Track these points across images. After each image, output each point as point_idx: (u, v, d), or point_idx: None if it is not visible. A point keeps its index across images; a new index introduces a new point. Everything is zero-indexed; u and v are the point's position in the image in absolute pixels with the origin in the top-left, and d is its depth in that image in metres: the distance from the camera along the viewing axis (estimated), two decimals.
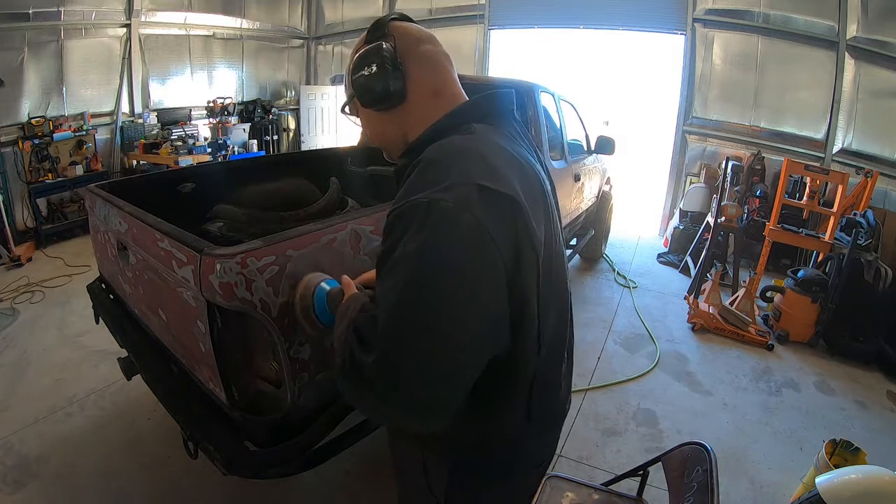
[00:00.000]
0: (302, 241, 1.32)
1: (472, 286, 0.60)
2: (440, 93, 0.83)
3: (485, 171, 0.65)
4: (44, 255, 4.54)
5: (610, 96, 6.57)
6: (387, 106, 0.82)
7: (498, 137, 0.77)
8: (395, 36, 0.81)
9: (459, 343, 0.60)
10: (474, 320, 0.61)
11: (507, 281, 0.63)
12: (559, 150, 3.45)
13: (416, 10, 7.00)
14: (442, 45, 0.88)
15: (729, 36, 5.39)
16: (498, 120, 0.82)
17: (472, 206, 0.60)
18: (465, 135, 0.74)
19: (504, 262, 0.62)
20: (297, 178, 2.70)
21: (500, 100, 0.84)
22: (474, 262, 0.60)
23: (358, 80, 0.81)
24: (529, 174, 0.76)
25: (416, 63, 0.81)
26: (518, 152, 0.78)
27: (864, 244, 3.41)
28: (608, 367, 3.09)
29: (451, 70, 0.86)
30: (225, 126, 6.65)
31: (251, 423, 1.40)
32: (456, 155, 0.68)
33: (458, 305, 0.59)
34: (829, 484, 1.59)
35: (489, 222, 0.60)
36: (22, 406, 2.46)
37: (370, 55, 0.79)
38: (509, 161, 0.72)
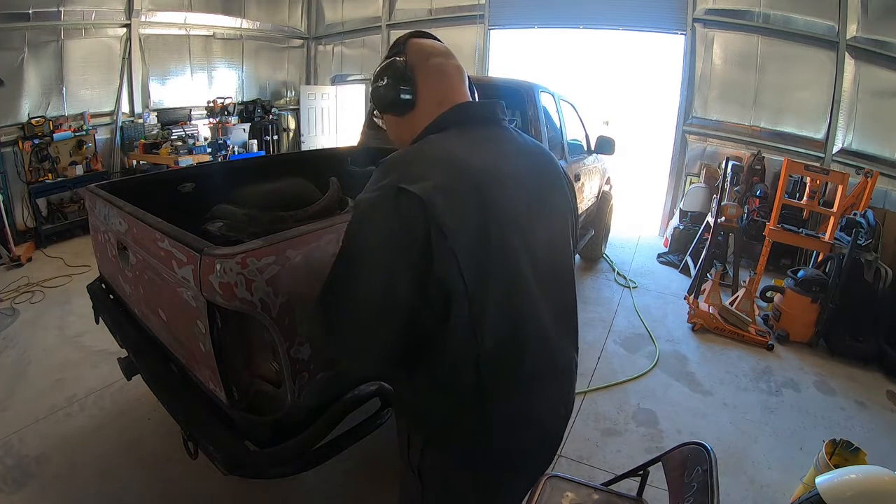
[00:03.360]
0: (302, 241, 1.32)
1: (374, 264, 0.77)
2: (444, 101, 0.94)
3: (411, 175, 0.77)
4: (44, 255, 4.54)
5: (610, 96, 6.57)
6: (399, 112, 0.95)
7: (454, 142, 0.87)
8: (409, 52, 0.95)
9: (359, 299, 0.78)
10: (373, 291, 0.77)
11: (411, 266, 0.76)
12: (559, 150, 3.45)
13: (416, 10, 7.01)
14: (456, 58, 1.00)
15: (729, 36, 5.39)
16: (468, 126, 0.92)
17: (387, 205, 0.76)
18: (420, 144, 0.88)
19: (409, 252, 0.75)
20: (297, 178, 2.70)
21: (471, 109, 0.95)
22: (377, 243, 0.77)
23: (375, 91, 0.96)
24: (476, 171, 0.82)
25: (424, 75, 0.94)
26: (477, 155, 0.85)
27: (864, 244, 3.41)
28: (608, 367, 3.09)
29: (457, 80, 0.97)
30: (225, 126, 6.65)
31: (251, 423, 1.40)
32: (399, 161, 0.83)
33: (362, 279, 0.78)
34: (829, 484, 1.59)
35: (397, 218, 0.75)
36: (22, 406, 2.46)
37: (385, 69, 0.94)
38: (451, 165, 0.81)
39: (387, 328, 0.79)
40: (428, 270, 0.76)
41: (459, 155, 0.84)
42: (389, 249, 0.76)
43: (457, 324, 0.79)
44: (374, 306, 0.77)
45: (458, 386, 0.84)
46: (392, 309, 0.78)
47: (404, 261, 0.76)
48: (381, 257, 0.76)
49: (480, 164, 0.84)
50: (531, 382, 0.89)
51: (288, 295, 1.26)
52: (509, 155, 0.92)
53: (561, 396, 0.99)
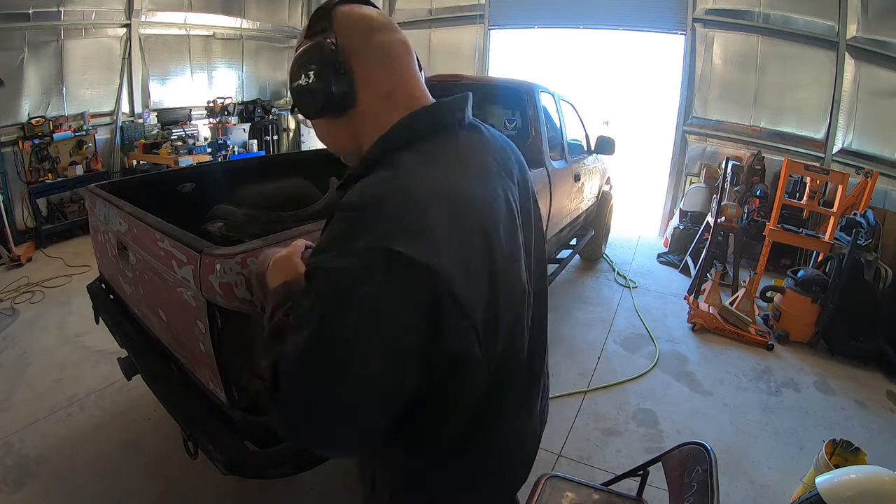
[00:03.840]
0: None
1: (365, 364, 0.56)
2: (394, 94, 0.72)
3: (401, 230, 0.56)
4: (44, 255, 4.54)
5: (610, 96, 6.57)
6: (333, 115, 0.73)
7: (437, 164, 0.67)
8: (339, 28, 0.70)
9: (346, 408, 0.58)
10: (364, 391, 0.58)
11: (417, 353, 0.59)
12: (559, 150, 3.45)
13: (416, 10, 7.00)
14: (401, 31, 0.77)
15: (729, 36, 5.39)
16: (445, 135, 0.72)
17: (376, 278, 0.54)
18: (391, 170, 0.64)
19: (414, 338, 0.58)
20: (296, 178, 2.70)
21: (446, 111, 0.73)
22: (371, 342, 0.56)
23: (297, 89, 0.72)
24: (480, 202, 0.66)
25: (366, 60, 0.71)
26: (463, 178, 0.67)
27: (864, 244, 3.41)
28: (608, 367, 3.09)
29: (408, 63, 0.75)
30: (225, 126, 6.64)
31: (251, 423, 1.40)
32: (373, 204, 0.59)
33: (347, 381, 0.57)
34: (829, 484, 1.60)
35: (395, 297, 0.55)
36: (22, 406, 2.46)
37: (309, 56, 0.70)
38: (443, 202, 0.61)
39: (378, 418, 0.62)
40: (439, 344, 0.59)
41: (456, 186, 0.64)
42: (390, 344, 0.57)
43: (457, 383, 0.66)
44: (372, 406, 0.60)
45: (443, 435, 0.71)
46: (392, 404, 0.61)
47: (411, 352, 0.58)
48: (381, 355, 0.57)
49: (479, 192, 0.67)
50: (517, 413, 0.82)
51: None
52: (494, 167, 0.75)
53: (542, 410, 0.92)
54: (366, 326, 0.55)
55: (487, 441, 0.76)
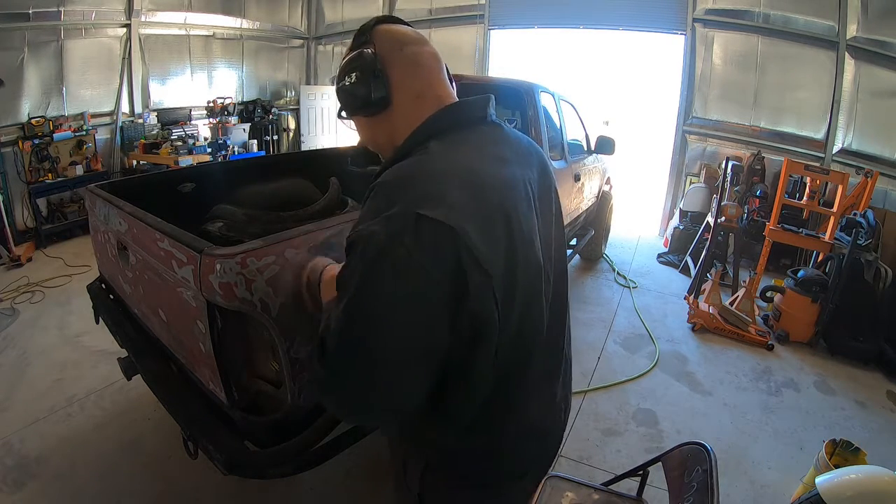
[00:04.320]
0: (302, 242, 1.32)
1: (401, 316, 0.64)
2: (423, 95, 0.82)
3: (426, 198, 0.65)
4: (44, 255, 4.54)
5: (610, 96, 6.57)
6: (372, 112, 0.83)
7: (458, 151, 0.76)
8: (377, 41, 0.82)
9: (386, 362, 0.65)
10: (400, 344, 0.65)
11: (446, 307, 0.65)
12: (559, 150, 3.45)
13: (416, 10, 7.00)
14: (431, 44, 0.87)
15: (729, 36, 5.39)
16: (467, 128, 0.81)
17: (406, 239, 0.62)
18: (419, 156, 0.74)
19: (441, 291, 0.64)
20: (297, 178, 2.70)
21: (468, 108, 0.83)
22: (404, 294, 0.63)
23: (341, 90, 0.83)
24: (498, 185, 0.73)
25: (399, 67, 0.82)
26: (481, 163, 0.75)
27: (864, 244, 3.41)
28: (608, 367, 3.09)
29: (436, 70, 0.85)
30: (225, 126, 6.64)
31: (251, 423, 1.40)
32: (403, 181, 0.69)
33: (384, 333, 0.64)
34: (829, 484, 1.60)
35: (422, 253, 0.62)
36: (22, 406, 2.46)
37: (352, 63, 0.81)
38: (464, 179, 0.70)
39: (417, 381, 0.68)
40: (463, 304, 0.65)
41: (475, 166, 0.73)
42: (420, 296, 0.63)
43: (481, 350, 0.71)
44: (403, 356, 0.66)
45: (469, 408, 0.77)
46: (425, 360, 0.67)
47: (439, 305, 0.64)
48: (413, 307, 0.64)
49: (497, 174, 0.74)
50: (538, 393, 0.86)
51: (288, 295, 1.26)
52: (513, 158, 0.82)
53: (564, 397, 0.96)
54: (399, 282, 0.63)
55: (511, 417, 0.81)
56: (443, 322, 0.65)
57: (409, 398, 0.70)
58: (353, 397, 0.69)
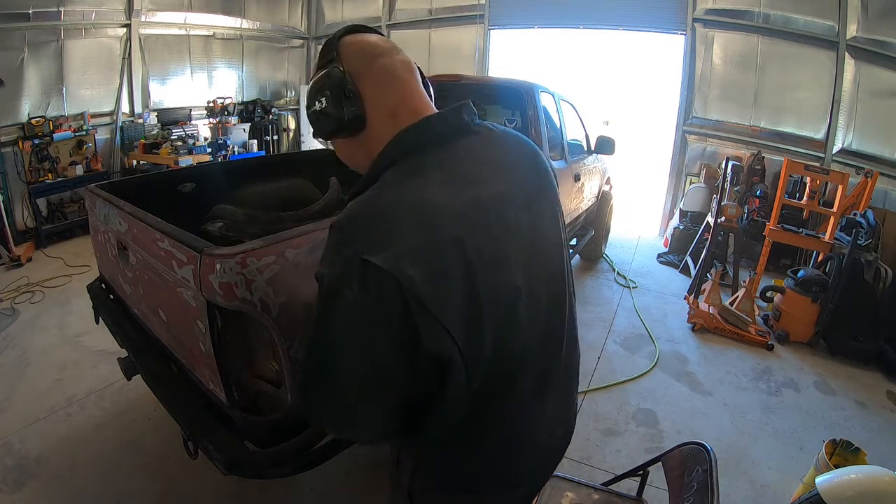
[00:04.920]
0: (302, 241, 1.32)
1: (352, 355, 0.66)
2: (397, 111, 0.77)
3: (371, 241, 0.62)
4: (44, 255, 4.54)
5: (610, 96, 6.57)
6: (347, 134, 0.79)
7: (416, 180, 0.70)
8: (345, 57, 0.77)
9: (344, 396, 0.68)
10: (354, 382, 0.67)
11: (398, 348, 0.64)
12: (559, 150, 3.45)
13: (416, 10, 7.00)
14: (403, 51, 0.82)
15: (729, 36, 5.39)
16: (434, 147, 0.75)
17: (353, 284, 0.61)
18: (372, 190, 0.70)
19: (389, 333, 0.63)
20: (296, 178, 2.70)
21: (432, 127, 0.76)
22: (354, 334, 0.65)
23: (313, 114, 0.78)
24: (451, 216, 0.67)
25: (370, 83, 0.77)
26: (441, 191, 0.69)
27: (864, 244, 3.41)
28: (608, 367, 3.09)
29: (410, 82, 0.80)
30: (225, 126, 6.65)
31: (251, 423, 1.40)
32: (353, 220, 0.67)
33: (338, 370, 0.67)
34: (829, 484, 1.60)
35: (368, 298, 0.61)
36: (22, 406, 2.46)
37: (321, 84, 0.76)
38: (413, 215, 0.65)
39: (376, 408, 0.70)
40: (416, 346, 0.63)
41: (428, 198, 0.67)
42: (369, 338, 0.64)
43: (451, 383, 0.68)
44: (358, 390, 0.68)
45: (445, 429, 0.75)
46: (383, 396, 0.68)
47: (384, 337, 0.64)
48: (363, 347, 0.65)
49: (456, 201, 0.68)
50: (526, 410, 0.83)
51: (288, 295, 1.26)
52: (491, 169, 0.76)
53: (559, 415, 0.92)
54: (348, 323, 0.64)
55: (492, 434, 0.80)
56: (397, 362, 0.65)
57: (379, 429, 0.72)
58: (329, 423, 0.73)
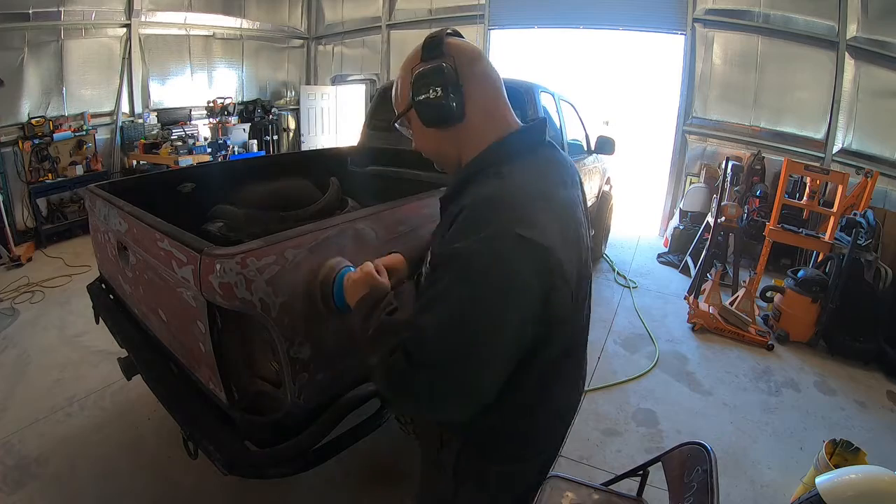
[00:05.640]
0: (302, 241, 1.32)
1: (508, 322, 0.72)
2: (492, 113, 0.87)
3: (520, 220, 0.71)
4: (44, 255, 4.54)
5: (610, 96, 6.57)
6: (446, 125, 0.86)
7: (532, 176, 0.82)
8: (454, 55, 0.85)
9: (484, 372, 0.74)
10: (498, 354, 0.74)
11: (534, 316, 0.74)
12: None
13: (416, 10, 7.01)
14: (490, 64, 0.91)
15: (729, 36, 5.39)
16: (534, 153, 0.87)
17: (507, 256, 0.70)
18: (499, 180, 0.79)
19: (533, 302, 0.73)
20: (297, 178, 2.70)
21: (532, 134, 0.89)
22: (510, 303, 0.71)
23: (422, 102, 0.84)
24: (563, 206, 0.83)
25: (474, 83, 0.85)
26: (550, 187, 0.83)
27: (864, 244, 3.41)
28: (608, 367, 3.09)
29: (501, 88, 0.90)
30: (225, 126, 6.65)
31: (251, 423, 1.40)
32: (494, 203, 0.75)
33: (486, 344, 0.72)
34: (829, 484, 1.59)
35: (522, 270, 0.70)
36: (22, 406, 2.46)
37: (433, 76, 0.83)
38: (543, 203, 0.78)
39: (504, 375, 0.78)
40: (547, 309, 0.75)
41: (548, 190, 0.81)
42: (522, 305, 0.72)
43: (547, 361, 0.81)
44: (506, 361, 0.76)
45: (521, 396, 0.85)
46: (516, 358, 0.77)
47: (533, 309, 0.73)
48: (516, 314, 0.72)
49: (562, 197, 0.84)
50: (568, 378, 0.97)
51: (288, 295, 1.26)
52: (567, 180, 0.91)
53: (582, 377, 1.07)
54: (505, 293, 0.71)
55: (548, 402, 0.91)
56: (531, 324, 0.74)
57: (493, 389, 0.77)
58: (454, 398, 0.75)
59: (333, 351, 1.38)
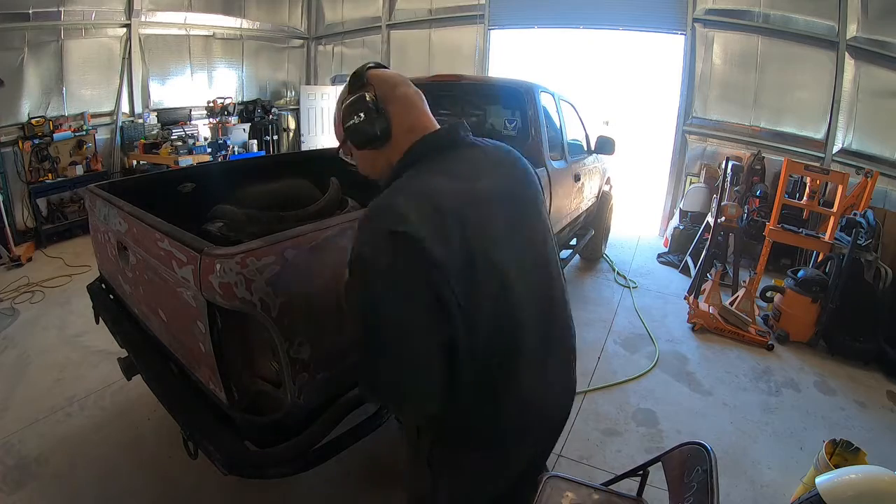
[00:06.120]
0: (302, 241, 1.32)
1: (398, 309, 0.80)
2: (414, 128, 0.97)
3: (394, 219, 0.79)
4: (44, 255, 4.54)
5: (610, 96, 6.57)
6: (376, 145, 0.97)
7: (427, 176, 0.90)
8: (375, 85, 0.97)
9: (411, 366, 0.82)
10: (414, 346, 0.82)
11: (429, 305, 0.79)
12: (559, 150, 3.44)
13: (416, 10, 7.01)
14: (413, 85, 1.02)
15: (729, 36, 5.39)
16: (438, 154, 0.95)
17: (381, 252, 0.79)
18: (395, 185, 0.89)
19: (419, 291, 0.79)
20: (297, 178, 2.70)
21: (437, 139, 0.97)
22: (392, 295, 0.79)
23: (350, 128, 0.96)
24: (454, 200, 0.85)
25: (395, 106, 0.97)
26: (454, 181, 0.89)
27: (864, 244, 3.41)
28: (608, 367, 3.09)
29: (422, 106, 1.01)
30: (225, 126, 6.65)
31: (251, 423, 1.40)
32: (378, 209, 0.84)
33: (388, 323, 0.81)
34: (829, 484, 1.59)
35: (396, 262, 0.78)
36: (22, 406, 2.46)
37: (357, 105, 0.95)
38: (425, 200, 0.83)
39: (431, 364, 0.83)
40: (433, 296, 0.80)
41: (436, 187, 0.87)
42: (406, 292, 0.79)
43: (456, 330, 0.83)
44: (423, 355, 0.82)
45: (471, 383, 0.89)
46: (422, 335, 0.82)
47: (413, 289, 0.79)
48: (402, 300, 0.79)
49: (457, 190, 0.88)
50: (530, 375, 0.97)
51: (288, 295, 1.26)
52: (482, 172, 0.95)
53: (558, 380, 1.07)
54: (390, 289, 0.79)
55: (507, 395, 0.94)
56: (428, 309, 0.80)
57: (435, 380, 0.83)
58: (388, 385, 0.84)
59: (333, 351, 1.38)
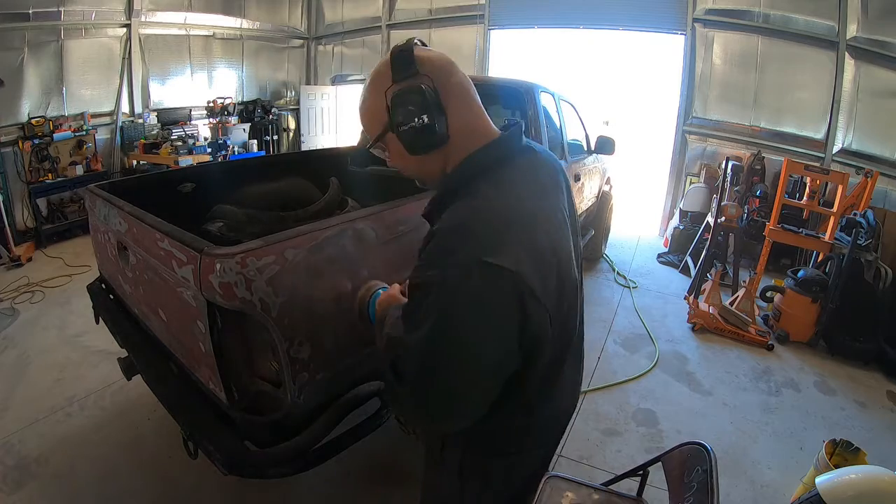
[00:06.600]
0: (302, 241, 1.32)
1: (477, 345, 0.72)
2: (475, 128, 0.84)
3: (487, 246, 0.70)
4: (44, 255, 4.54)
5: (610, 96, 6.57)
6: (433, 151, 0.82)
7: (507, 191, 0.79)
8: (430, 72, 0.79)
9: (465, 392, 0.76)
10: (475, 379, 0.76)
11: (513, 333, 0.73)
12: (559, 150, 3.44)
13: (416, 10, 7.00)
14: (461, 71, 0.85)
15: (729, 36, 5.39)
16: (509, 162, 0.83)
17: (475, 282, 0.69)
18: (471, 200, 0.77)
19: (508, 322, 0.72)
20: (297, 178, 2.70)
21: (508, 143, 0.85)
22: (478, 328, 0.71)
23: (406, 131, 0.79)
24: (542, 219, 0.80)
25: (454, 99, 0.81)
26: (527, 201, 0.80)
27: (864, 244, 3.41)
28: (608, 367, 3.09)
29: (478, 100, 0.86)
30: (225, 126, 6.65)
31: (251, 423, 1.40)
32: (463, 228, 0.74)
33: (463, 370, 0.74)
34: (829, 484, 1.59)
35: (490, 293, 0.70)
36: (22, 406, 2.46)
37: (414, 98, 0.77)
38: (517, 223, 0.75)
39: (489, 393, 0.79)
40: (524, 331, 0.74)
41: (523, 207, 0.78)
42: (492, 328, 0.72)
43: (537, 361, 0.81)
44: (484, 380, 0.76)
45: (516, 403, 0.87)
46: (496, 377, 0.78)
47: (508, 333, 0.73)
48: (486, 337, 0.72)
49: (540, 209, 0.81)
50: (565, 383, 0.97)
51: (288, 295, 1.26)
52: (548, 184, 0.89)
53: (574, 380, 1.07)
54: (473, 319, 0.71)
55: (546, 404, 0.93)
56: (512, 346, 0.75)
57: (482, 406, 0.79)
58: (435, 412, 0.78)
59: (333, 351, 1.39)
